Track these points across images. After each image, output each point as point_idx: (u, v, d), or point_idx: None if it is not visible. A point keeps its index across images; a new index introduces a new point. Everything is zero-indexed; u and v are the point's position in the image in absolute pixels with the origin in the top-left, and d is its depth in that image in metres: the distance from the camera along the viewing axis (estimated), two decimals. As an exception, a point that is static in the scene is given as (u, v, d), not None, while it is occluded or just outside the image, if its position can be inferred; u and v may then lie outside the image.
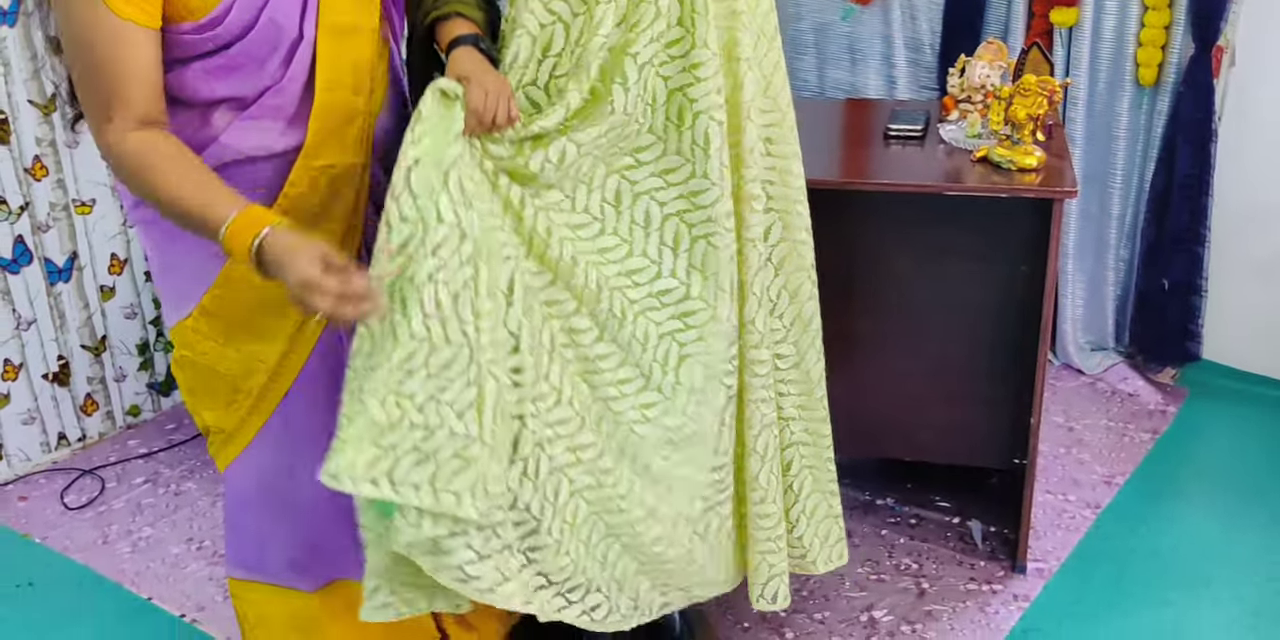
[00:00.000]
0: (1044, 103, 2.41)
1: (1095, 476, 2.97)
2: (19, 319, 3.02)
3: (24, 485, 3.07)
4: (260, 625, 2.10)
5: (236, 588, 2.08)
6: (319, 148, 1.71)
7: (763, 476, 2.06)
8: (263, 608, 2.08)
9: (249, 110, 1.67)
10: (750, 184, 1.92)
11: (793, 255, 2.06)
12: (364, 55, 1.75)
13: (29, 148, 2.96)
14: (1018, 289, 2.54)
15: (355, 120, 1.76)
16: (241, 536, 2.03)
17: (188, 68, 1.63)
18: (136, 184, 1.59)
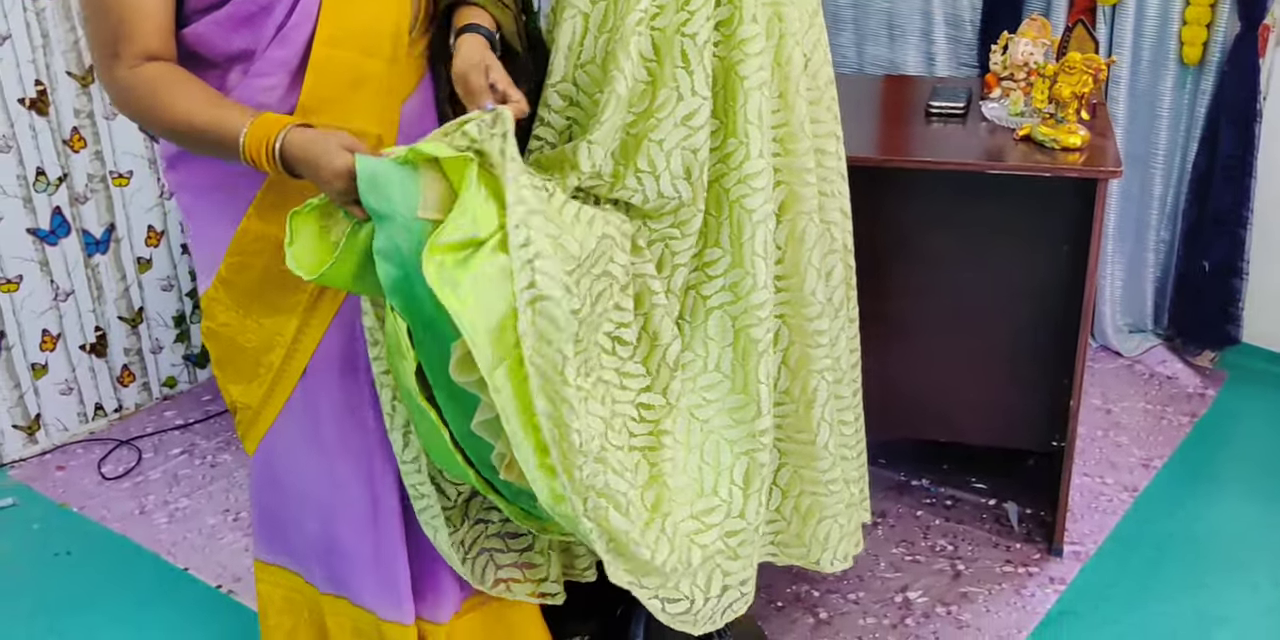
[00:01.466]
0: (1089, 81, 2.38)
1: (1133, 459, 2.95)
2: (57, 290, 3.04)
3: (61, 455, 3.09)
4: (280, 611, 2.08)
5: (261, 571, 2.08)
6: (318, 106, 1.64)
7: (832, 444, 2.07)
8: (286, 593, 2.07)
9: (256, 65, 1.63)
10: (803, 158, 1.90)
11: (825, 236, 2.03)
12: (383, 18, 1.67)
13: (67, 119, 2.96)
14: (1058, 270, 2.52)
15: (366, 85, 1.68)
16: (267, 518, 2.02)
17: (203, 21, 1.61)
18: (148, 113, 1.58)
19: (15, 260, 2.94)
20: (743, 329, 1.89)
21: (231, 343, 1.81)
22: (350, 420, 1.84)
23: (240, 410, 1.89)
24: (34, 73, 2.87)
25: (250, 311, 1.77)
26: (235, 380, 1.86)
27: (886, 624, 2.41)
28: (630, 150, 1.79)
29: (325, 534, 1.93)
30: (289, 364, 1.80)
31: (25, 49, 2.85)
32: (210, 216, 1.75)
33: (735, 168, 1.82)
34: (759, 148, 1.81)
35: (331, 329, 1.79)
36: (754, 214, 1.83)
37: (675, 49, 1.74)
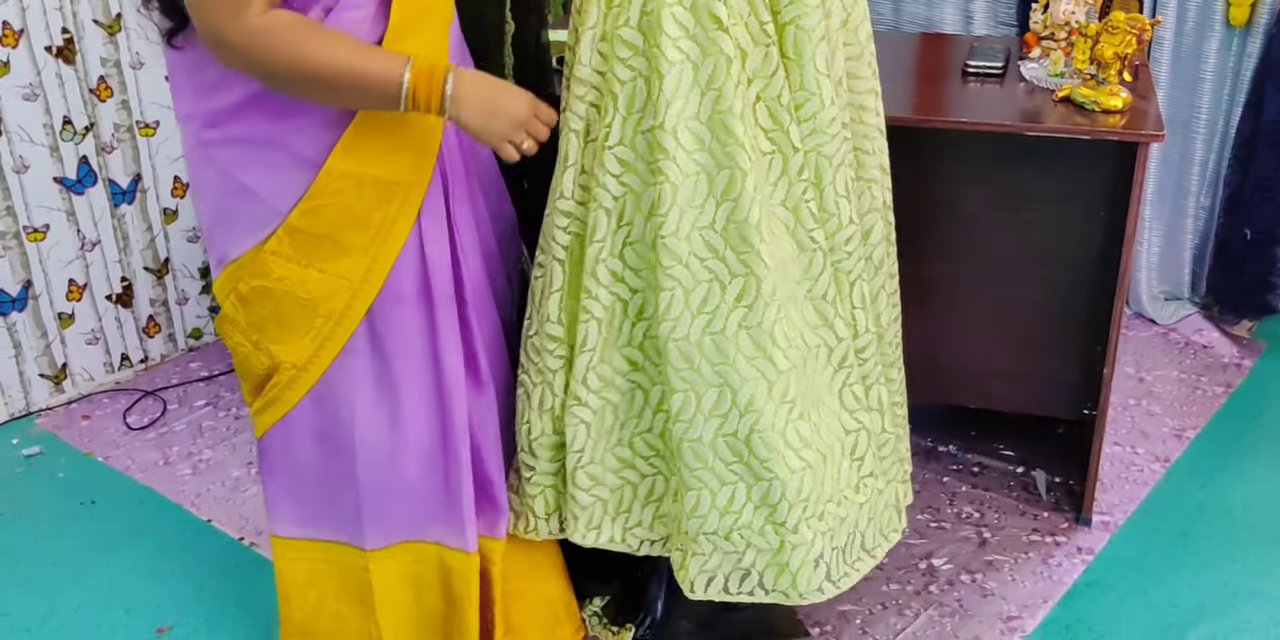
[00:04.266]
0: (1132, 42, 2.31)
1: (1165, 429, 2.90)
2: (83, 240, 3.03)
3: (87, 404, 3.10)
4: (305, 586, 2.04)
5: (280, 547, 2.02)
6: (401, 32, 1.65)
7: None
8: (312, 565, 2.02)
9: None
10: (840, 112, 1.87)
11: (865, 195, 2.00)
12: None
13: (94, 68, 2.94)
14: (1095, 235, 2.46)
15: (434, 11, 1.70)
16: (292, 490, 1.97)
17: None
18: (289, 59, 1.55)
19: (42, 209, 2.93)
20: (835, 264, 1.90)
21: (286, 297, 1.77)
22: (421, 353, 1.84)
23: (281, 371, 1.83)
24: (60, 21, 2.85)
25: (314, 259, 1.74)
26: (281, 339, 1.81)
27: (910, 591, 2.39)
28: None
29: (383, 480, 1.90)
30: (352, 308, 1.78)
31: (52, -4, 2.82)
32: (278, 166, 1.71)
33: (809, 118, 1.81)
34: (830, 96, 1.80)
35: (402, 260, 1.78)
36: (832, 160, 1.84)
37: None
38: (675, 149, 1.74)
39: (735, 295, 1.79)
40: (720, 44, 1.70)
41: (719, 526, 1.88)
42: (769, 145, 1.80)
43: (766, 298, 1.79)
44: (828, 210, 1.86)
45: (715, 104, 1.73)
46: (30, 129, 2.86)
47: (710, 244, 1.78)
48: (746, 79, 1.76)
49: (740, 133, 1.73)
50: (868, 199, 2.01)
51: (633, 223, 1.81)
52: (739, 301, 1.80)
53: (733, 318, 1.80)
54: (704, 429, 1.84)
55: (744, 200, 1.75)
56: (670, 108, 1.73)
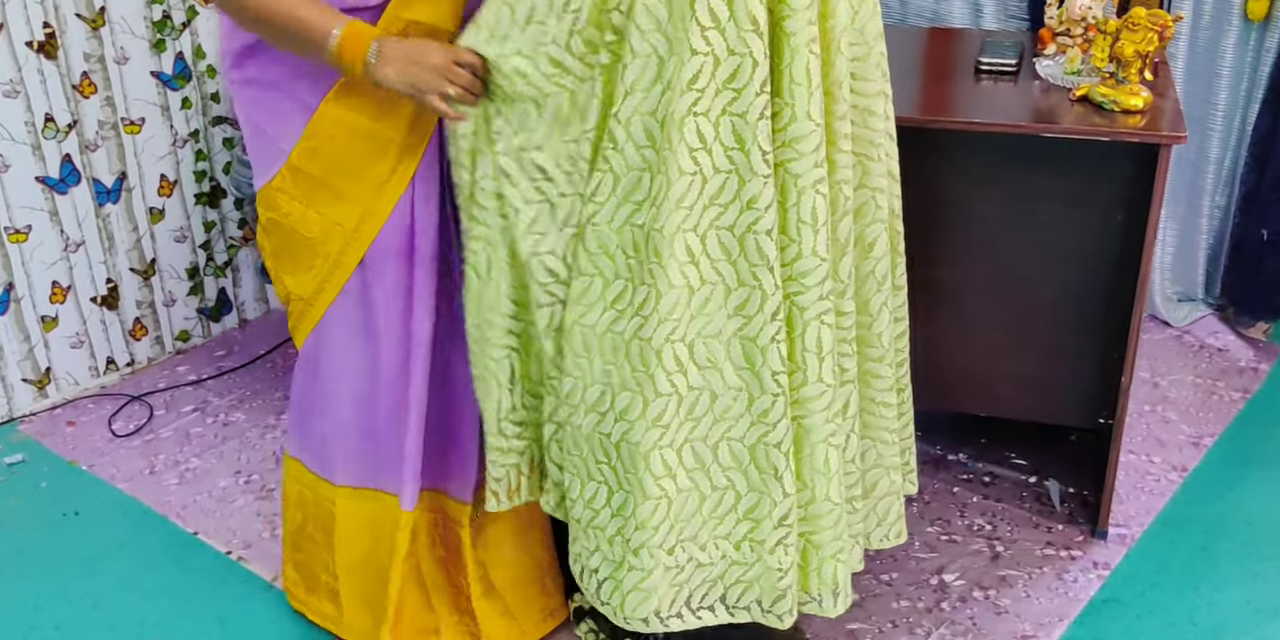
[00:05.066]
0: (1154, 39, 2.22)
1: (1182, 437, 2.82)
2: (67, 240, 2.94)
3: (72, 410, 3.01)
4: (293, 505, 2.20)
5: (286, 464, 2.19)
6: (402, 5, 1.73)
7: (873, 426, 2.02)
8: (299, 489, 2.17)
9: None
10: (839, 122, 1.76)
11: (869, 204, 1.90)
12: None
13: (77, 64, 2.84)
14: (1111, 238, 2.38)
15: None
16: (299, 412, 2.12)
17: None
18: (250, 9, 1.70)
19: (24, 209, 2.84)
20: (790, 296, 1.76)
21: (292, 233, 1.90)
22: (401, 307, 1.92)
23: (293, 302, 1.97)
24: (42, 14, 2.75)
25: (313, 202, 1.86)
26: (291, 271, 1.95)
27: (921, 607, 2.31)
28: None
29: (359, 421, 2.02)
30: (346, 254, 1.88)
31: (33, -11, 2.73)
32: (282, 108, 1.83)
33: (779, 129, 1.69)
34: (805, 109, 1.67)
35: (393, 217, 1.87)
36: (800, 179, 1.70)
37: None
38: (625, 141, 1.67)
39: (640, 302, 1.72)
40: (692, 43, 1.60)
41: (581, 516, 1.88)
42: (726, 164, 1.67)
43: (663, 315, 1.70)
44: (789, 235, 1.72)
45: (668, 105, 1.64)
46: (11, 127, 2.76)
47: (636, 243, 1.72)
48: (715, 88, 1.65)
49: (677, 141, 1.64)
50: (870, 209, 1.90)
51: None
52: (639, 310, 1.73)
53: (632, 323, 1.74)
54: (584, 420, 1.81)
55: (664, 209, 1.66)
56: (628, 99, 1.65)
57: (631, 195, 1.69)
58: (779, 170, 1.70)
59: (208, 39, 3.07)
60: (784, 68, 1.66)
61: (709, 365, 1.76)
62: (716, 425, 1.80)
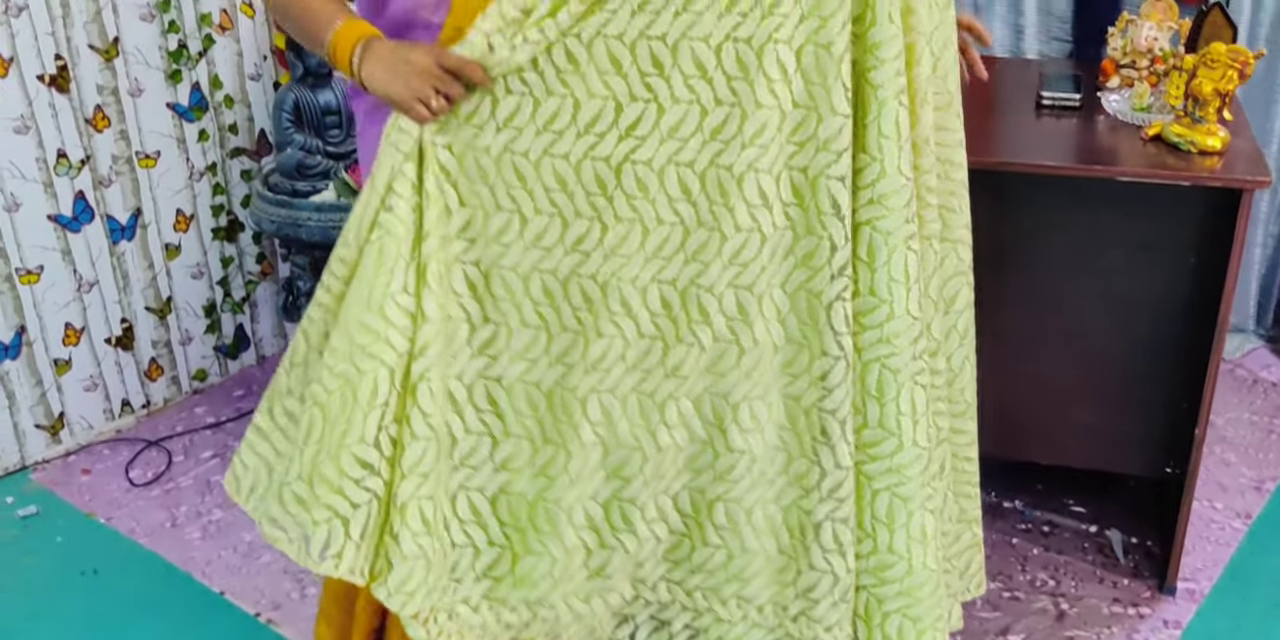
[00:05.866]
0: (1234, 77, 2.11)
1: (1244, 481, 2.71)
2: (80, 280, 2.81)
3: (87, 456, 2.89)
4: None
5: None
6: (463, 17, 1.57)
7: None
8: None
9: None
10: (926, 176, 1.66)
11: (951, 257, 1.79)
12: None
13: (90, 97, 2.72)
14: (1183, 282, 2.27)
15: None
16: None
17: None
18: (276, 5, 1.67)
19: (35, 249, 2.72)
20: (880, 360, 1.64)
21: None
22: None
23: None
24: (53, 47, 2.63)
25: None
26: None
27: (988, 674, 2.21)
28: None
29: None
30: None
31: (44, 21, 2.60)
32: (368, 137, 1.75)
33: (867, 186, 1.58)
34: (895, 164, 1.56)
35: None
36: (890, 236, 1.58)
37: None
38: (657, 190, 1.55)
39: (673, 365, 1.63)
40: (756, 93, 1.49)
41: None
42: (783, 220, 1.56)
43: (746, 370, 1.62)
44: (879, 296, 1.61)
45: (716, 157, 1.53)
46: (21, 164, 2.64)
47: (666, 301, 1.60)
48: (781, 141, 1.54)
49: (735, 197, 1.53)
50: (953, 262, 1.80)
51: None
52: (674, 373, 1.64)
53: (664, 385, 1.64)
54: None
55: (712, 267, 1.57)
56: (664, 145, 1.54)
57: (661, 251, 1.57)
58: (864, 228, 1.60)
59: (224, 68, 2.95)
60: (870, 122, 1.55)
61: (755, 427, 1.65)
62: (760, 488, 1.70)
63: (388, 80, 1.54)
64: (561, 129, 1.55)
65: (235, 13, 2.94)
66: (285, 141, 2.89)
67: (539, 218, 1.58)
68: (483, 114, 1.57)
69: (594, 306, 1.60)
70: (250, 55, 3.00)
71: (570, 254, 1.59)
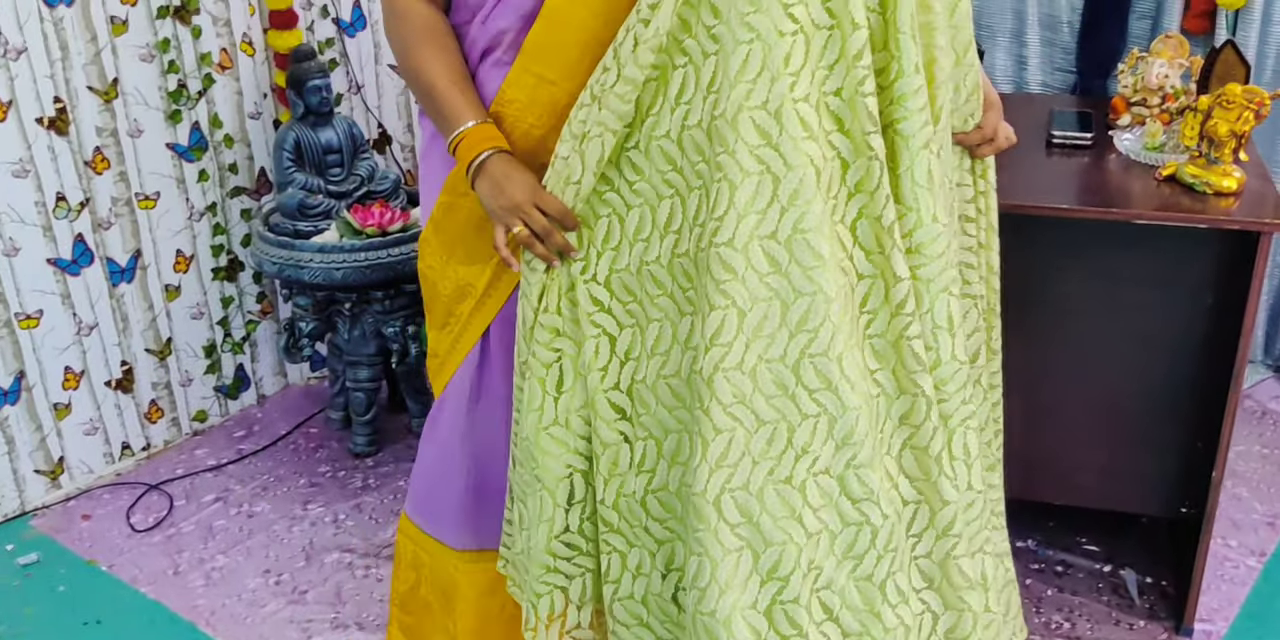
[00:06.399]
0: (1250, 118, 2.10)
1: (1256, 516, 2.69)
2: (80, 324, 2.78)
3: (87, 501, 2.85)
4: (408, 566, 2.12)
5: (403, 523, 2.11)
6: (539, 51, 1.66)
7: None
8: (415, 550, 2.09)
9: (497, 9, 1.69)
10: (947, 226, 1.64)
11: (971, 312, 1.78)
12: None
13: (89, 139, 2.69)
14: (1199, 322, 2.25)
15: (589, 46, 1.63)
16: (421, 473, 2.04)
17: (458, 21, 1.72)
18: (397, 51, 1.74)
19: (35, 293, 2.68)
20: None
21: (433, 287, 1.88)
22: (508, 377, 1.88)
23: (431, 356, 1.95)
24: (52, 89, 2.60)
25: (451, 257, 1.83)
26: (431, 325, 1.92)
27: (1008, 722, 2.17)
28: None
29: (479, 483, 1.97)
30: (475, 317, 1.84)
31: (43, 63, 2.57)
32: (435, 159, 1.83)
33: (905, 235, 1.55)
34: (931, 211, 1.54)
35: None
36: (932, 284, 1.57)
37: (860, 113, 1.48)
38: (745, 268, 1.49)
39: (802, 444, 1.53)
40: (807, 154, 1.46)
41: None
42: (870, 268, 1.55)
43: (839, 441, 1.53)
44: (925, 343, 1.60)
45: (798, 222, 1.49)
46: (20, 208, 2.61)
47: (780, 381, 1.52)
48: (847, 193, 1.53)
49: (825, 253, 1.49)
50: (973, 317, 1.78)
51: (669, 354, 1.60)
52: (805, 452, 1.54)
53: (798, 468, 1.54)
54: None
55: (824, 331, 1.50)
56: (744, 222, 1.48)
57: (761, 330, 1.51)
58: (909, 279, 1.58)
59: (224, 107, 2.93)
60: (903, 172, 1.53)
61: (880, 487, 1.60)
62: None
63: (488, 200, 1.66)
64: (647, 236, 1.58)
65: (235, 52, 2.92)
66: (286, 181, 2.87)
67: (653, 324, 1.62)
68: (612, 238, 1.62)
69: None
70: (250, 94, 2.97)
71: (686, 352, 1.59)
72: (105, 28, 2.66)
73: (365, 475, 2.93)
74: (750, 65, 1.43)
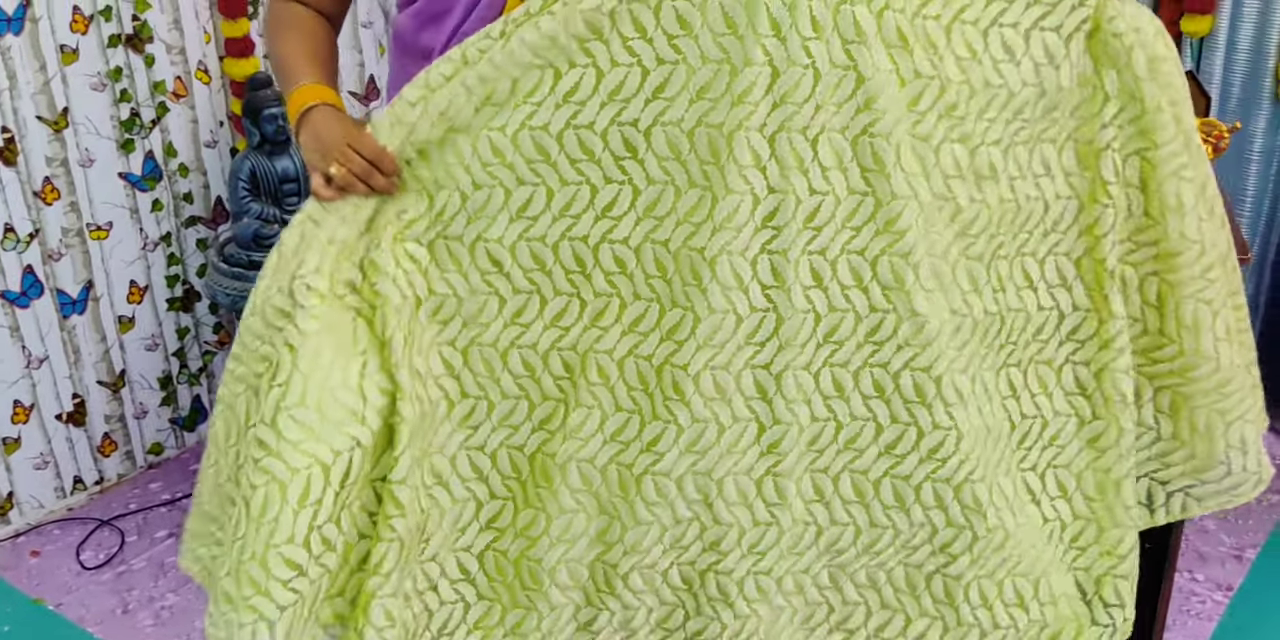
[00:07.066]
0: (1209, 151, 2.07)
1: (1223, 549, 2.66)
2: (29, 357, 2.73)
3: (37, 537, 2.80)
4: None
5: None
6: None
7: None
8: None
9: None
10: None
11: None
12: None
13: (38, 169, 2.65)
14: (1160, 355, 2.22)
15: None
16: None
17: (405, 13, 1.69)
18: (268, 43, 1.73)
19: (-18, 326, 2.64)
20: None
21: None
22: None
23: None
24: (0, 119, 2.56)
25: None
26: None
27: (968, 766, 2.13)
28: None
29: None
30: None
31: (-11, 93, 2.53)
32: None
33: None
34: None
35: None
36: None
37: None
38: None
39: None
40: (729, 182, 1.46)
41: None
42: (761, 302, 1.51)
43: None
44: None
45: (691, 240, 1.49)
46: (-33, 240, 2.57)
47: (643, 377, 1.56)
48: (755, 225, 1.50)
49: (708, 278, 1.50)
50: None
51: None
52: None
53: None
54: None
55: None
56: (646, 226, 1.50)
57: (637, 326, 1.52)
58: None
59: (179, 136, 2.89)
60: (1150, 193, 1.59)
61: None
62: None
63: (306, 149, 1.56)
64: (536, 214, 1.51)
65: (190, 80, 2.88)
66: (242, 210, 2.82)
67: (517, 296, 1.55)
68: (452, 207, 1.52)
69: (574, 376, 1.56)
70: (206, 122, 2.93)
71: (549, 329, 1.55)
72: (55, 56, 2.62)
73: (322, 509, 2.88)
74: (715, 86, 1.42)
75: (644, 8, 1.44)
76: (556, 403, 1.58)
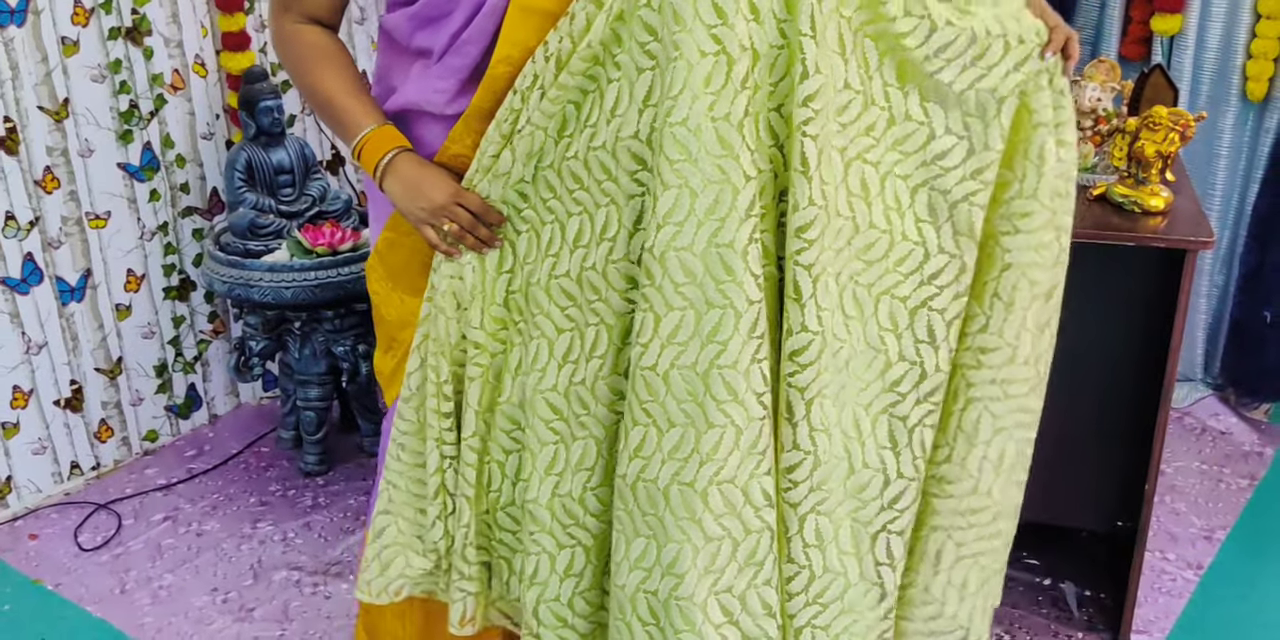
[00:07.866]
0: (1175, 139, 2.15)
1: (1194, 531, 2.74)
2: (29, 343, 2.78)
3: (35, 520, 2.85)
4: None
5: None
6: (484, 115, 1.63)
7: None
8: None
9: (435, 67, 1.65)
10: None
11: None
12: None
13: (39, 158, 2.70)
14: (1131, 338, 2.30)
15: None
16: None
17: (398, 12, 1.67)
18: (295, 71, 1.73)
19: (-18, 312, 2.69)
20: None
21: (378, 311, 1.86)
22: None
23: (378, 374, 1.92)
24: (2, 109, 2.61)
25: (396, 287, 1.82)
26: (379, 346, 1.91)
27: (946, 733, 2.20)
28: None
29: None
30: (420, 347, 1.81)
31: (-8, 83, 2.59)
32: (377, 193, 1.78)
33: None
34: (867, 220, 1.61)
35: None
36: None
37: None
38: (662, 276, 1.51)
39: (710, 445, 1.54)
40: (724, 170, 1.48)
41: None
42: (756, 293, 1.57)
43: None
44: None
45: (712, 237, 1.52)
46: (-31, 227, 2.63)
47: (691, 390, 1.53)
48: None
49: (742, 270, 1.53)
50: None
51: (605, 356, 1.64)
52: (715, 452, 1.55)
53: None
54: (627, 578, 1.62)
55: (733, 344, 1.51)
56: (660, 233, 1.51)
57: (675, 337, 1.53)
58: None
59: (176, 127, 2.95)
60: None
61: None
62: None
63: (405, 203, 1.65)
64: (586, 242, 1.60)
65: (188, 72, 2.94)
66: (237, 201, 2.89)
67: (590, 328, 1.63)
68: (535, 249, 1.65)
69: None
70: (203, 114, 3.00)
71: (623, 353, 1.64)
72: (56, 48, 2.68)
73: (315, 494, 2.94)
74: (674, 82, 1.47)
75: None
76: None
